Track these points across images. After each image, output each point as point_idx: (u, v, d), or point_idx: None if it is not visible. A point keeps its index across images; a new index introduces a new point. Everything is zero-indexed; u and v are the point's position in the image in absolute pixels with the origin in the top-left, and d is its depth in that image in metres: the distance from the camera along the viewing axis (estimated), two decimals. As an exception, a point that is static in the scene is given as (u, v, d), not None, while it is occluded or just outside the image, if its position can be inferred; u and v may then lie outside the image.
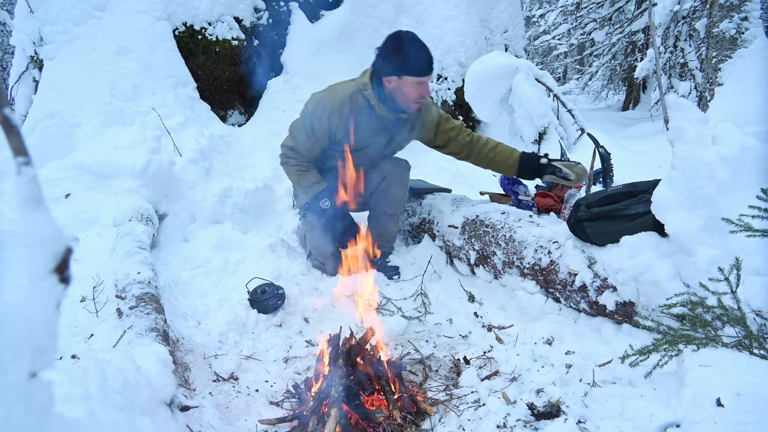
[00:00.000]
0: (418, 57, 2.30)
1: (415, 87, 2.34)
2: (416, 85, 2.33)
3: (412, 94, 2.36)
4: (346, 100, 2.42)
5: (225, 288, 2.48)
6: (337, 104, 2.41)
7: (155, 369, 1.43)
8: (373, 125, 2.49)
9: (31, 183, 0.59)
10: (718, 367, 1.35)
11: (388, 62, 2.31)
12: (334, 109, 2.41)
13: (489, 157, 2.68)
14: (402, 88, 2.34)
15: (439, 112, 2.70)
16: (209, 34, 4.83)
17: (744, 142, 1.66)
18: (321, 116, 2.42)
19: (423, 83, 2.34)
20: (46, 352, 0.58)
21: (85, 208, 2.89)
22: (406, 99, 2.38)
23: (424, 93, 2.37)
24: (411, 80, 2.31)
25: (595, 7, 10.58)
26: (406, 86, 2.33)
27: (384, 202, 2.64)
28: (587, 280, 1.99)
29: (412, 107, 2.42)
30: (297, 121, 2.53)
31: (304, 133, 2.48)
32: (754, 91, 4.55)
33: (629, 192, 2.04)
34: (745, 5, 4.99)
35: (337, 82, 2.54)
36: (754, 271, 1.54)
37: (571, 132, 5.15)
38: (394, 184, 2.63)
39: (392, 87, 2.36)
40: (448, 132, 2.68)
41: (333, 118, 2.41)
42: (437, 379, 1.86)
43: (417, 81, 2.32)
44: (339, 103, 2.41)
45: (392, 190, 2.63)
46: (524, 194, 3.63)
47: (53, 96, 4.00)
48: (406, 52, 2.29)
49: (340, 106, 2.41)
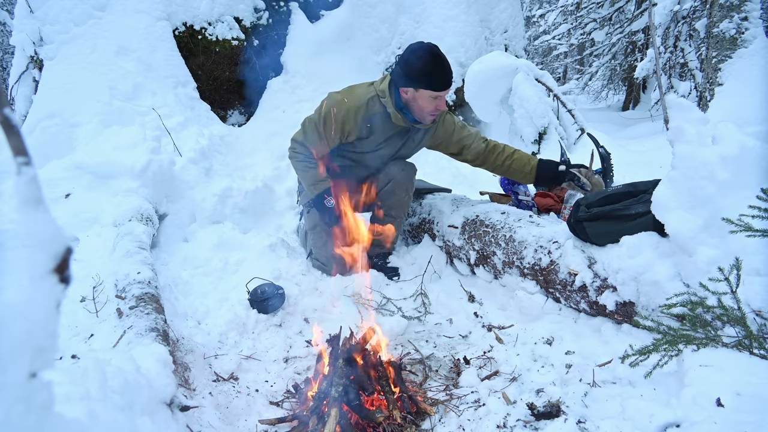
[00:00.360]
0: (437, 73, 2.27)
1: (431, 101, 2.32)
2: (432, 99, 2.31)
3: (428, 107, 2.34)
4: (364, 103, 2.40)
5: (225, 288, 2.48)
6: (354, 107, 2.39)
7: (155, 369, 1.43)
8: (387, 131, 2.48)
9: (31, 183, 0.59)
10: (718, 367, 1.35)
11: (406, 73, 2.29)
12: (350, 111, 2.39)
13: (506, 165, 2.66)
14: (418, 101, 2.33)
15: (454, 120, 2.68)
16: (209, 34, 4.83)
17: (744, 142, 1.66)
18: (336, 116, 2.39)
19: (440, 98, 2.32)
20: (46, 352, 0.58)
21: (85, 208, 2.89)
22: (420, 111, 2.37)
23: (440, 107, 2.35)
24: (427, 94, 2.29)
25: (595, 7, 10.58)
26: (422, 99, 2.31)
27: (389, 204, 2.64)
28: (587, 280, 1.99)
29: (426, 120, 2.41)
30: (311, 118, 2.49)
31: (316, 132, 2.45)
32: (754, 91, 4.54)
33: (629, 192, 2.04)
34: (745, 5, 4.99)
35: (356, 83, 2.53)
36: (754, 271, 1.54)
37: (571, 132, 5.15)
38: (400, 187, 2.61)
39: (408, 98, 2.35)
40: (463, 140, 2.66)
41: (348, 119, 2.40)
42: (437, 379, 1.86)
43: (433, 96, 2.30)
44: (356, 106, 2.39)
45: (398, 193, 2.62)
46: (524, 194, 3.63)
47: (53, 96, 4.00)
48: (424, 66, 2.26)
49: (357, 109, 2.39)
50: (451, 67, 2.31)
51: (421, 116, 2.39)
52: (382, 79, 2.45)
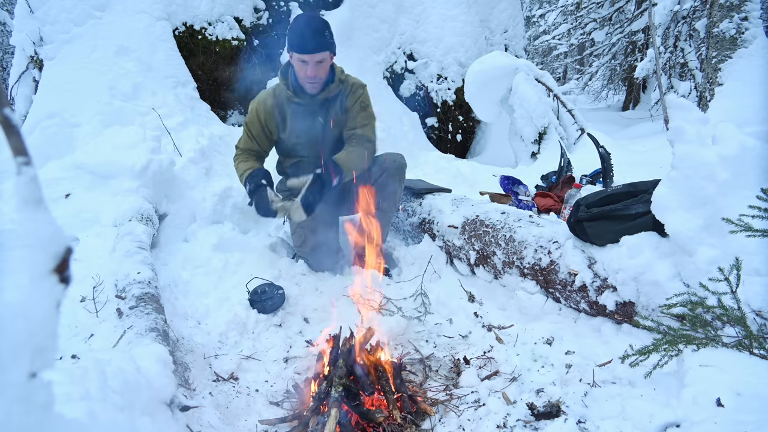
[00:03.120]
0: (295, 32, 2.22)
1: (301, 66, 2.28)
2: (301, 63, 2.27)
3: (300, 72, 2.31)
4: (270, 95, 2.45)
5: (225, 288, 2.48)
6: (262, 102, 2.45)
7: (155, 369, 1.43)
8: (299, 114, 2.47)
9: (31, 183, 0.59)
10: (718, 367, 1.35)
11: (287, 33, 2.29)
12: (260, 108, 2.46)
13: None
14: (294, 66, 2.31)
15: (361, 100, 2.51)
16: (209, 34, 4.83)
17: (744, 142, 1.66)
18: (252, 117, 2.48)
19: (306, 63, 2.25)
20: (46, 352, 0.58)
21: (85, 208, 2.89)
22: (298, 77, 2.34)
23: (309, 73, 2.28)
24: (296, 57, 2.26)
25: (595, 7, 10.59)
26: (295, 62, 2.30)
27: (380, 197, 2.59)
28: (587, 280, 1.99)
29: (307, 88, 2.37)
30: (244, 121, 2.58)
31: (246, 135, 2.55)
32: (754, 91, 4.54)
33: (629, 192, 2.04)
34: (745, 5, 4.99)
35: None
36: (754, 271, 1.54)
37: (571, 132, 5.15)
38: (391, 179, 2.58)
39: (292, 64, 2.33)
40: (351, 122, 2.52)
41: (260, 115, 2.46)
42: (437, 379, 1.86)
43: (299, 58, 2.25)
44: (263, 100, 2.45)
45: (390, 185, 2.58)
46: (524, 194, 3.63)
47: (53, 96, 4.00)
48: (291, 26, 2.26)
49: (264, 101, 2.45)
50: (317, 33, 2.23)
51: (303, 83, 2.36)
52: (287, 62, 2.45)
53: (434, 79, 6.10)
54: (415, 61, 6.06)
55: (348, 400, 1.54)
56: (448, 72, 6.11)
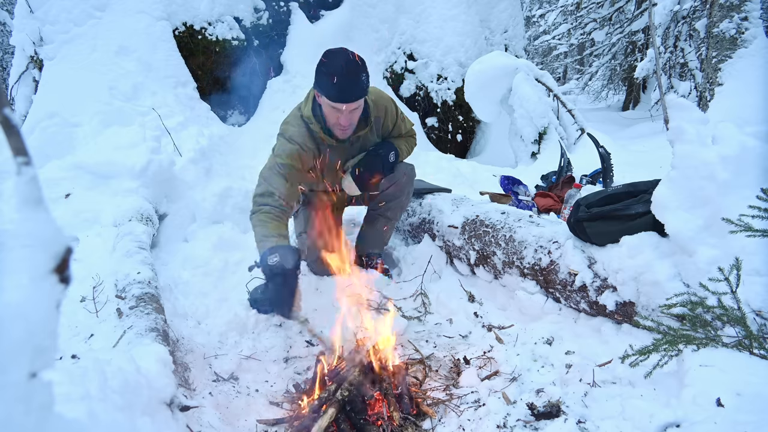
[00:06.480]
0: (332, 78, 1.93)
1: (331, 111, 2.04)
2: (331, 109, 2.03)
3: (330, 118, 2.08)
4: (307, 137, 2.18)
5: (225, 288, 2.48)
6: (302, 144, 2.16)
7: (155, 369, 1.43)
8: (335, 156, 2.30)
9: (31, 183, 0.59)
10: (718, 367, 1.35)
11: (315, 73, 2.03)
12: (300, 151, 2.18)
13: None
14: (324, 107, 2.07)
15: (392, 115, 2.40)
16: (209, 34, 4.83)
17: (744, 142, 1.66)
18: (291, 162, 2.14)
19: (339, 111, 2.02)
20: (46, 352, 0.58)
21: (85, 208, 2.88)
22: (327, 122, 2.09)
23: (344, 122, 2.06)
24: (326, 101, 2.02)
25: (595, 7, 10.59)
26: (325, 106, 2.05)
27: (387, 206, 2.59)
28: (587, 280, 1.99)
29: (336, 132, 2.15)
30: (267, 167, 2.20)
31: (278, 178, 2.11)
32: (754, 91, 4.55)
33: (629, 192, 2.04)
34: (745, 5, 4.99)
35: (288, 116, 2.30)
36: (754, 271, 1.54)
37: (571, 132, 5.15)
38: (402, 192, 2.55)
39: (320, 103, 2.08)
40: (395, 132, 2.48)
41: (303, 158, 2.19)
42: (437, 379, 1.86)
43: (330, 105, 2.02)
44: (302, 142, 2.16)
45: (399, 198, 2.56)
46: (524, 194, 3.63)
47: (53, 96, 4.00)
48: (321, 66, 1.98)
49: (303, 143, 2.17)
50: (356, 80, 1.96)
51: (332, 128, 2.11)
52: (306, 99, 2.23)
53: (434, 79, 6.10)
54: (415, 61, 6.06)
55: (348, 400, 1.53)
56: (448, 72, 6.11)
